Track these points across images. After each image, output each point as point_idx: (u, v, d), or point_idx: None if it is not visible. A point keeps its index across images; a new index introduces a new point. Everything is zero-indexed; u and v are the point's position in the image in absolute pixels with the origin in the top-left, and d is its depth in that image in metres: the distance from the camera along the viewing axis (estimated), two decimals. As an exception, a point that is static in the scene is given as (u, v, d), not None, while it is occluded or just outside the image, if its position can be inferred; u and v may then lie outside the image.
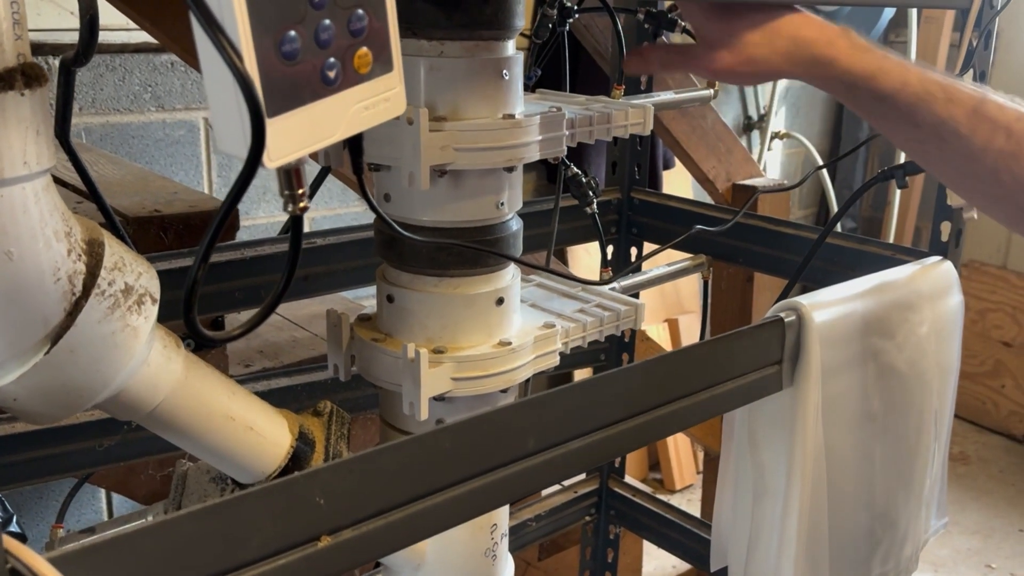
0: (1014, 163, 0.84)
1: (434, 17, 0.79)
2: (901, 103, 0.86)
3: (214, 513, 0.53)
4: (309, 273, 1.11)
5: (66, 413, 0.66)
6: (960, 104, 0.85)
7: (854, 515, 1.05)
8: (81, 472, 1.03)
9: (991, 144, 0.84)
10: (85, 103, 1.86)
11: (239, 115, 0.45)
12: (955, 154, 0.87)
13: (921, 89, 0.86)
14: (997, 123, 0.84)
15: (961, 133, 0.85)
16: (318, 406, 0.85)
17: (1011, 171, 0.84)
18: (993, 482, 3.22)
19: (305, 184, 0.52)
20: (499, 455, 0.68)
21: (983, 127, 0.84)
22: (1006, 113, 0.85)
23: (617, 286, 1.17)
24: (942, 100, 0.85)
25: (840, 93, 0.89)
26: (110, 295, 0.63)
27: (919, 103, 0.86)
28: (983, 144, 0.84)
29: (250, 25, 0.44)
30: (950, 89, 0.86)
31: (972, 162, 0.86)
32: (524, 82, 1.15)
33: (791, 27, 0.88)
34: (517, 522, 1.56)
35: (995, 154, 0.84)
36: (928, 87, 0.86)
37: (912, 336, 1.05)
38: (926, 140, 0.88)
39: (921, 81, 0.86)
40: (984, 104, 0.85)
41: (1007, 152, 0.84)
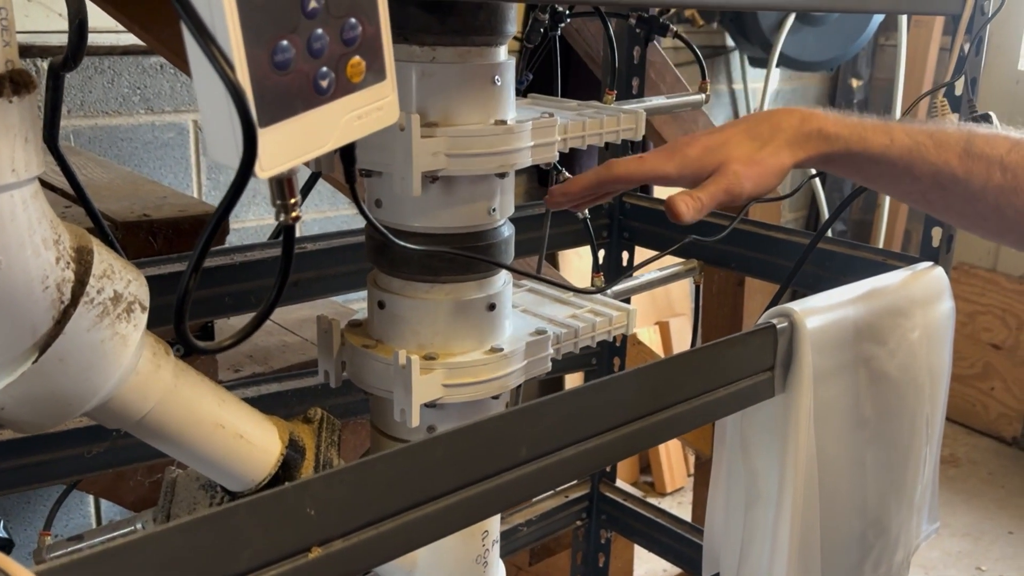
0: (1014, 197, 0.85)
1: (426, 23, 0.78)
2: (895, 159, 0.87)
3: (203, 525, 0.52)
4: (300, 278, 1.11)
5: (54, 422, 0.65)
6: (950, 148, 0.86)
7: (846, 521, 1.05)
8: (69, 479, 1.02)
9: (989, 182, 0.85)
10: (74, 105, 1.85)
11: (231, 125, 0.44)
12: (957, 198, 0.88)
13: (910, 141, 0.87)
14: (991, 159, 0.85)
15: (958, 177, 0.86)
16: (308, 413, 0.85)
17: (1012, 204, 0.85)
18: (983, 484, 3.23)
19: (298, 193, 0.51)
20: (491, 464, 0.68)
21: (978, 167, 0.85)
22: (996, 147, 0.86)
23: (608, 291, 1.16)
24: (932, 148, 0.86)
25: (838, 164, 0.90)
26: (99, 303, 0.62)
27: (912, 155, 0.86)
28: (981, 184, 0.85)
29: (242, 35, 0.44)
30: (936, 135, 0.87)
31: (975, 203, 0.87)
32: (516, 87, 1.15)
33: (766, 122, 0.88)
34: (508, 527, 1.56)
35: (995, 191, 0.85)
36: (916, 137, 0.87)
37: (904, 342, 1.05)
38: (927, 191, 0.89)
39: (907, 134, 0.87)
40: (973, 143, 0.86)
41: (1006, 187, 0.85)
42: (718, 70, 3.19)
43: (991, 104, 4.01)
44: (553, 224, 1.37)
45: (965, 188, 0.86)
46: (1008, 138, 0.86)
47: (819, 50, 3.17)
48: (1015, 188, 0.84)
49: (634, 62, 1.48)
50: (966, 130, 0.88)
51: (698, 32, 3.07)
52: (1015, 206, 0.85)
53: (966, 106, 1.10)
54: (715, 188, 0.85)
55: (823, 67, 3.31)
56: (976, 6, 1.07)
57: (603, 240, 1.58)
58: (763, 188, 0.87)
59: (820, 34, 3.14)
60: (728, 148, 0.86)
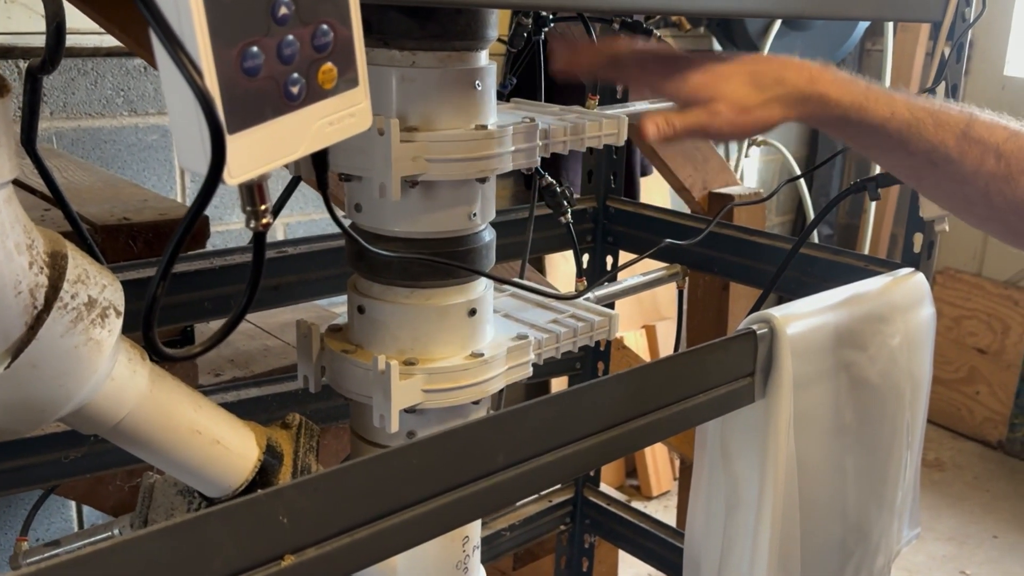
0: (1004, 185, 0.84)
1: (406, 27, 0.78)
2: (892, 131, 0.86)
3: (174, 532, 0.52)
4: (281, 282, 1.10)
5: (28, 428, 0.65)
6: (949, 128, 0.86)
7: (826, 526, 1.05)
8: (47, 484, 1.02)
9: (982, 167, 0.85)
10: (56, 107, 1.84)
11: (199, 131, 0.44)
12: (947, 178, 0.87)
13: (910, 116, 0.86)
14: (987, 145, 0.85)
15: (952, 158, 0.86)
16: (287, 418, 0.84)
17: (1002, 193, 0.85)
18: (968, 488, 3.24)
19: (269, 200, 0.51)
20: (468, 471, 0.67)
21: (973, 150, 0.85)
22: (995, 134, 0.85)
23: (591, 296, 1.16)
24: (931, 126, 0.86)
25: (832, 127, 0.89)
26: (73, 308, 0.62)
27: (910, 130, 0.86)
28: (974, 168, 0.85)
29: (210, 40, 0.43)
30: (938, 114, 0.86)
31: (964, 185, 0.87)
32: (499, 91, 1.15)
33: (772, 72, 0.87)
34: (491, 532, 1.56)
35: (986, 177, 0.85)
36: (916, 114, 0.86)
37: (884, 348, 1.05)
38: (919, 167, 0.88)
39: (909, 108, 0.86)
40: (972, 127, 0.85)
41: (998, 175, 0.84)
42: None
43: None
44: (537, 228, 1.37)
45: (957, 169, 0.86)
46: (1008, 127, 0.86)
47: (806, 55, 3.13)
48: (1007, 176, 0.84)
49: (618, 67, 1.48)
50: (968, 113, 0.87)
51: (685, 37, 3.07)
52: (1004, 194, 0.85)
53: (947, 112, 1.10)
54: (693, 120, 0.85)
55: (810, 72, 3.31)
56: (957, 13, 1.07)
57: (587, 244, 1.58)
58: (740, 135, 0.88)
59: (807, 39, 3.15)
60: (724, 85, 0.86)
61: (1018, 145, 0.84)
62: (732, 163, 3.40)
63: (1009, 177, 0.84)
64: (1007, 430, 3.49)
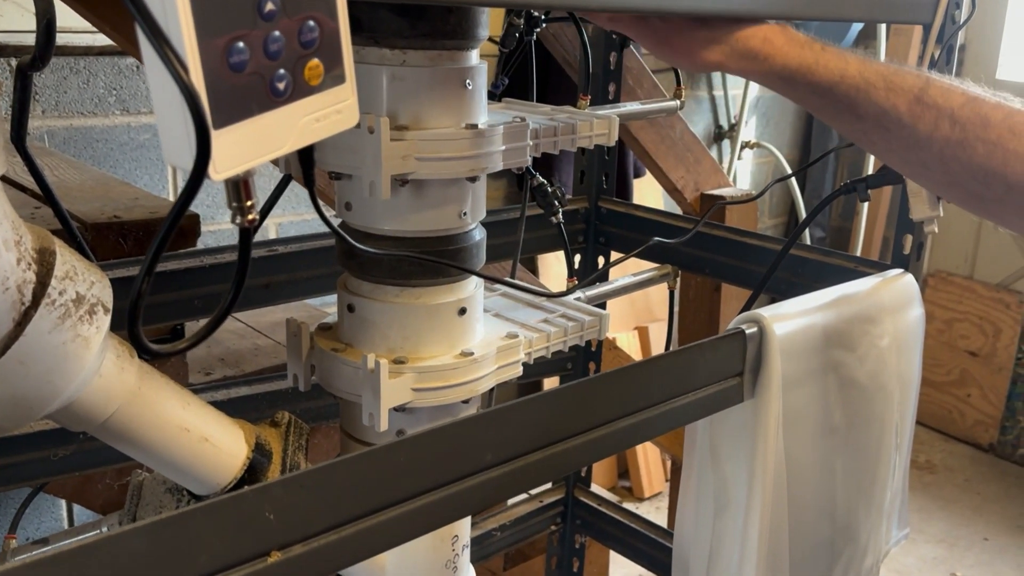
0: (960, 151, 0.83)
1: (397, 26, 0.78)
2: (840, 95, 0.86)
3: (161, 529, 0.52)
4: (271, 281, 1.10)
5: (16, 424, 0.65)
6: (902, 93, 0.85)
7: (815, 527, 1.05)
8: (35, 482, 1.02)
9: (936, 132, 0.84)
10: (48, 106, 1.84)
11: (184, 126, 0.44)
12: (900, 143, 0.87)
13: (861, 80, 0.86)
14: (941, 110, 0.84)
15: (904, 122, 0.85)
16: (276, 416, 0.84)
17: (958, 159, 0.84)
18: (959, 491, 3.25)
19: (255, 196, 0.51)
20: (454, 469, 0.68)
21: (927, 115, 0.84)
22: (950, 99, 0.84)
23: (582, 296, 1.16)
24: (883, 90, 0.85)
25: (778, 87, 0.89)
26: (61, 305, 0.62)
27: (858, 94, 0.86)
28: (928, 132, 0.84)
29: (196, 35, 0.43)
30: (891, 78, 0.86)
31: (918, 150, 0.86)
32: (491, 91, 1.15)
33: (728, 23, 0.88)
34: (482, 532, 1.56)
35: (941, 142, 0.84)
36: (868, 77, 0.86)
37: (873, 348, 1.06)
38: (869, 131, 0.88)
39: (861, 72, 0.86)
40: (927, 91, 0.85)
41: (953, 140, 0.83)
42: (698, 77, 3.20)
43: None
44: (529, 228, 1.37)
45: (910, 134, 0.85)
46: (965, 93, 0.85)
47: (799, 57, 3.18)
48: (962, 142, 0.83)
49: (611, 67, 1.49)
50: (924, 77, 0.86)
51: (679, 38, 3.07)
52: (960, 160, 0.84)
53: (936, 114, 1.10)
54: (642, 27, 0.88)
55: (803, 74, 3.32)
56: (947, 15, 1.08)
57: (579, 245, 1.58)
58: (668, 57, 0.90)
59: (801, 32, 3.15)
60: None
61: (974, 111, 0.83)
62: (724, 166, 3.41)
63: (964, 142, 0.83)
64: (998, 433, 3.50)
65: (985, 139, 0.82)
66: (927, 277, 3.72)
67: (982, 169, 0.83)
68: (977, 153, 0.82)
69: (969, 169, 0.83)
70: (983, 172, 0.83)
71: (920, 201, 1.12)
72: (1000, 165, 0.81)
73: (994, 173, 0.82)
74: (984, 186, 0.83)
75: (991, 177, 0.82)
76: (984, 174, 0.82)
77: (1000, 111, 0.82)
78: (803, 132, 3.74)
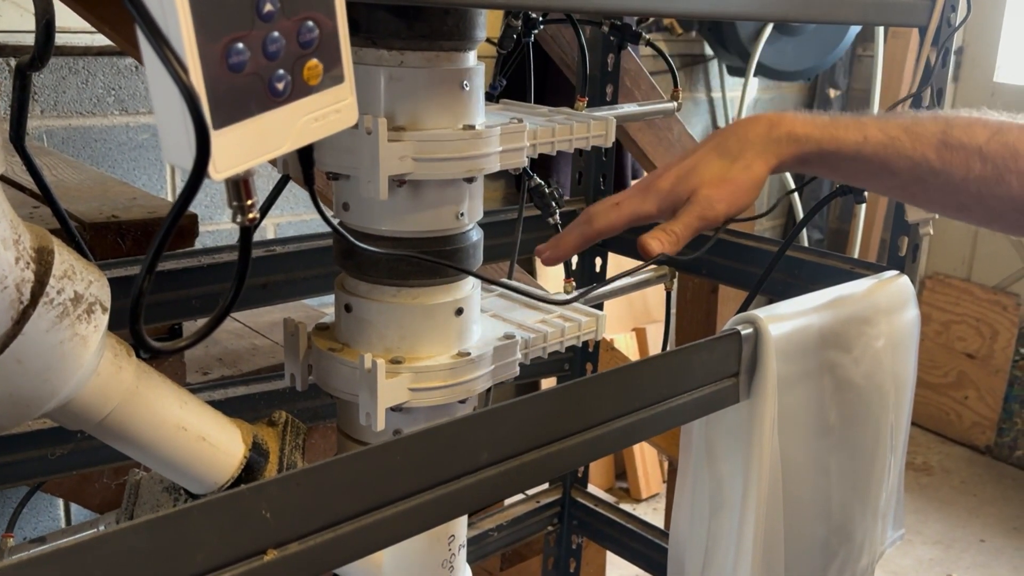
0: (996, 187, 0.84)
1: (395, 27, 0.79)
2: (869, 155, 0.86)
3: (157, 527, 0.52)
4: (268, 281, 1.11)
5: (13, 423, 0.65)
6: (926, 141, 0.85)
7: (810, 527, 1.06)
8: (33, 481, 1.02)
9: (969, 173, 0.84)
10: (47, 106, 1.84)
11: (184, 126, 0.44)
12: (938, 192, 0.87)
13: (883, 136, 0.86)
14: (969, 150, 0.84)
15: (936, 170, 0.85)
16: (273, 416, 0.84)
17: (995, 195, 0.84)
18: (955, 493, 3.26)
19: (255, 195, 0.51)
20: (451, 468, 0.68)
21: (956, 158, 0.84)
22: (975, 136, 0.84)
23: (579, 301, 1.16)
24: (907, 142, 0.85)
25: (812, 165, 0.89)
26: (59, 304, 0.62)
27: (886, 151, 0.86)
28: (962, 175, 0.84)
29: (195, 36, 0.44)
30: (912, 128, 0.86)
31: (957, 194, 0.86)
32: (489, 92, 1.15)
33: (735, 135, 0.88)
34: (478, 532, 1.56)
35: (976, 182, 0.84)
36: (890, 132, 0.86)
37: (869, 349, 1.06)
38: (907, 185, 0.88)
39: (881, 129, 0.86)
40: (950, 133, 0.85)
41: (987, 178, 0.84)
42: (696, 79, 3.21)
43: (965, 115, 3.90)
44: (527, 229, 1.38)
45: (946, 180, 0.85)
46: (987, 125, 0.85)
47: (797, 60, 3.19)
48: (997, 179, 0.83)
49: (608, 69, 1.49)
50: (943, 120, 0.86)
51: (677, 41, 3.08)
52: (997, 195, 0.84)
53: (932, 117, 1.11)
54: (689, 218, 0.84)
55: (801, 76, 3.33)
56: (943, 18, 1.08)
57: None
58: (738, 206, 0.86)
59: (798, 44, 3.16)
60: (698, 173, 0.86)
61: (1002, 143, 0.83)
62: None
63: (999, 179, 0.83)
64: (995, 435, 3.50)
65: (1018, 171, 0.83)
66: (924, 279, 3.72)
67: (1020, 200, 0.83)
68: (1012, 186, 0.83)
69: (1008, 203, 0.84)
70: (1022, 203, 0.83)
71: (916, 203, 1.12)
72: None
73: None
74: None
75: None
76: (1023, 204, 0.83)
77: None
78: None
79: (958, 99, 3.62)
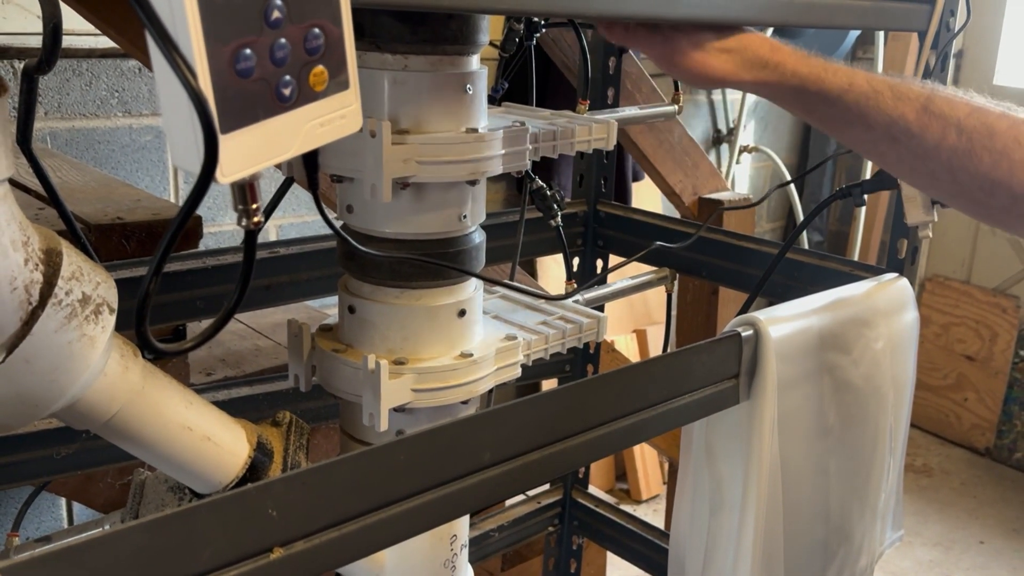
0: (967, 160, 0.84)
1: (399, 31, 0.79)
2: (850, 103, 0.87)
3: (164, 525, 0.53)
4: (273, 282, 1.11)
5: (21, 423, 0.66)
6: (908, 102, 0.86)
7: (809, 527, 1.06)
8: (38, 480, 1.02)
9: (943, 141, 0.85)
10: (51, 108, 1.85)
11: (192, 131, 0.45)
12: (909, 153, 0.88)
13: (868, 88, 0.87)
14: (947, 120, 0.85)
15: (912, 132, 0.86)
16: (277, 416, 0.85)
17: (965, 168, 0.84)
18: (955, 494, 3.26)
19: (260, 198, 0.52)
20: (453, 468, 0.68)
21: (934, 125, 0.85)
22: (956, 108, 0.85)
23: (580, 299, 1.17)
24: (890, 99, 0.86)
25: (789, 98, 0.91)
26: (67, 305, 0.62)
27: (868, 102, 0.87)
28: (935, 142, 0.85)
29: (204, 42, 0.45)
30: (897, 87, 0.87)
31: (926, 160, 0.87)
32: (491, 95, 1.16)
33: (738, 35, 0.91)
34: (479, 532, 1.57)
35: (948, 151, 0.85)
36: (875, 86, 0.87)
37: (868, 351, 1.07)
38: (878, 141, 0.89)
39: (868, 80, 0.87)
40: (933, 100, 0.86)
41: (960, 149, 0.84)
42: (697, 81, 3.21)
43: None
44: (529, 231, 1.38)
45: (919, 144, 0.86)
46: (970, 103, 0.86)
47: (797, 62, 3.19)
48: (969, 152, 0.84)
49: (609, 72, 1.50)
50: (929, 87, 0.88)
51: (678, 43, 3.08)
52: (967, 170, 0.84)
53: (931, 120, 1.11)
54: (653, 42, 0.91)
55: (801, 79, 3.33)
56: (942, 23, 1.09)
57: (578, 248, 1.59)
58: (687, 76, 0.92)
59: (798, 46, 3.17)
60: (689, 31, 0.90)
61: (980, 120, 0.84)
62: (723, 170, 3.42)
63: (971, 152, 0.84)
64: (995, 437, 3.51)
65: (991, 148, 0.83)
66: (924, 281, 3.73)
67: (988, 179, 0.83)
68: (983, 163, 0.83)
69: (976, 178, 0.84)
70: (989, 182, 0.83)
71: (915, 206, 1.13)
72: (1006, 176, 0.82)
73: (1000, 183, 0.83)
74: (990, 195, 0.84)
75: (997, 187, 0.83)
76: (990, 184, 0.83)
77: (1005, 120, 0.83)
78: (801, 137, 3.75)
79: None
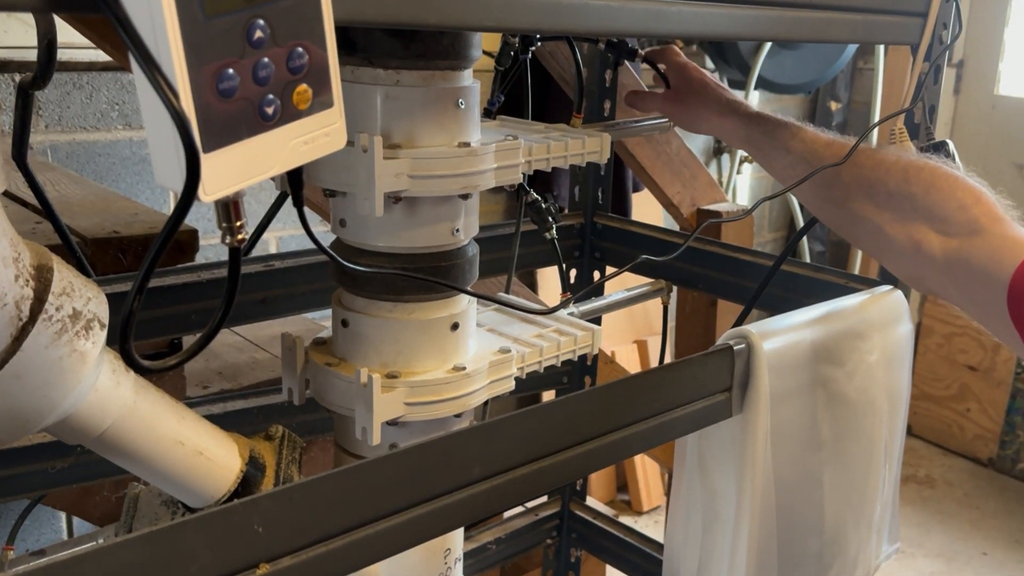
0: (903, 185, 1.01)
1: (391, 47, 0.80)
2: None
3: (152, 540, 0.53)
4: (268, 296, 1.12)
5: (12, 437, 0.66)
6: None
7: (803, 540, 1.06)
8: (33, 494, 1.03)
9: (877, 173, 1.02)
10: (51, 121, 1.86)
11: (175, 150, 0.45)
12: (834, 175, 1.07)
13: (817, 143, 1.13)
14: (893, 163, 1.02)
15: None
16: (270, 430, 0.85)
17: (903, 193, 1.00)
18: (957, 505, 3.25)
19: (244, 216, 0.53)
20: (443, 482, 0.69)
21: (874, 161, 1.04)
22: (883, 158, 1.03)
23: (575, 311, 1.17)
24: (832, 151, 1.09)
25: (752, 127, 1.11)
26: (57, 320, 0.63)
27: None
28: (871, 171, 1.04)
29: (186, 63, 0.45)
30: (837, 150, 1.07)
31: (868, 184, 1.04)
32: (486, 109, 1.17)
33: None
34: (477, 545, 1.56)
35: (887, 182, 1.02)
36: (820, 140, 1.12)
37: (862, 364, 1.07)
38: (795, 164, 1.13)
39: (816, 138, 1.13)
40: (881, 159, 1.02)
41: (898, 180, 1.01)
42: (698, 91, 3.21)
43: (968, 127, 4.02)
44: (527, 243, 1.39)
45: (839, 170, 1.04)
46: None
47: (797, 73, 3.21)
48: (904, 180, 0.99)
49: (606, 85, 1.50)
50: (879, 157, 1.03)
51: (678, 54, 3.09)
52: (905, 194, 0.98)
53: (924, 133, 1.12)
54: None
55: (801, 90, 3.34)
56: (934, 36, 1.09)
57: (575, 260, 1.59)
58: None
59: (798, 58, 3.18)
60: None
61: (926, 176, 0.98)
62: (724, 180, 3.43)
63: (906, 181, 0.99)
64: (997, 447, 3.50)
65: (926, 184, 0.98)
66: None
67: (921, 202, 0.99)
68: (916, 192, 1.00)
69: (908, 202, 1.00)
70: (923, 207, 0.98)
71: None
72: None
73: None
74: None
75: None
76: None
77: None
78: (802, 146, 3.75)
79: (959, 112, 3.63)
